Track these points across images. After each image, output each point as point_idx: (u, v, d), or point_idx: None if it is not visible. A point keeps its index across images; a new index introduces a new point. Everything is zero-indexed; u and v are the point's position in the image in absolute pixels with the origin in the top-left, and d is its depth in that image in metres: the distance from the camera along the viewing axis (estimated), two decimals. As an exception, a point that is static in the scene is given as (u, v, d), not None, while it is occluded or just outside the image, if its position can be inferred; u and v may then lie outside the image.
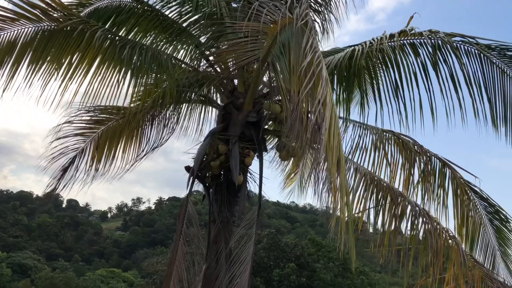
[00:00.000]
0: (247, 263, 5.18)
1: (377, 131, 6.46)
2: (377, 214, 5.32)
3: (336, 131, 3.01)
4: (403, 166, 6.20)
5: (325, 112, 2.94)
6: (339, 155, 3.00)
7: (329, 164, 2.93)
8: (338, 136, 3.03)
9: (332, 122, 2.98)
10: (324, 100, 2.98)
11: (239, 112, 5.52)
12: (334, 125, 3.00)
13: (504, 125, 5.31)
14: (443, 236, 5.02)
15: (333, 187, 3.02)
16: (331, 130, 2.95)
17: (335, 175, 2.96)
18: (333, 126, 2.99)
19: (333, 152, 2.91)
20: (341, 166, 3.00)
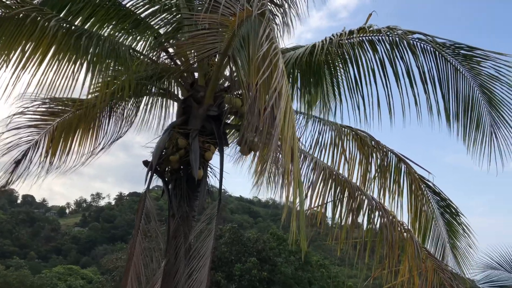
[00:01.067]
0: (206, 258, 5.16)
1: (336, 126, 6.56)
2: (335, 208, 5.41)
3: (291, 122, 3.02)
4: (360, 161, 6.34)
5: (280, 102, 2.95)
6: (293, 146, 3.01)
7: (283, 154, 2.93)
8: (292, 127, 3.04)
9: (287, 112, 2.99)
10: (280, 91, 2.99)
11: (200, 106, 5.46)
12: (289, 116, 3.01)
13: (456, 121, 5.50)
14: (398, 229, 5.16)
15: (286, 177, 3.03)
16: (285, 120, 2.95)
17: (289, 165, 2.97)
18: (288, 116, 3.00)
19: (286, 143, 2.91)
20: (295, 156, 3.01)
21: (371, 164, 6.39)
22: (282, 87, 3.01)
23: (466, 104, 5.45)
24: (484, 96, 5.33)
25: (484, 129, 5.56)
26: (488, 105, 5.38)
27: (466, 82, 5.33)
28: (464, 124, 5.58)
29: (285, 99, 3.00)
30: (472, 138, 5.62)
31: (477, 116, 5.53)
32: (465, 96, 5.40)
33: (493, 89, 5.23)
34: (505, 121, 5.34)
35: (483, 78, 5.22)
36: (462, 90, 5.38)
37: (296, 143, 3.08)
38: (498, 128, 5.43)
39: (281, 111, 2.94)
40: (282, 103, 2.96)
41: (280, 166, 3.14)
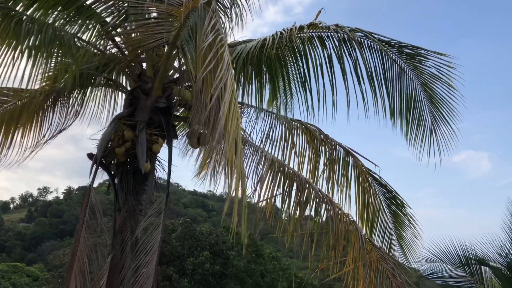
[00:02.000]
0: (154, 252, 5.07)
1: (287, 120, 6.62)
2: (284, 201, 5.46)
3: (235, 114, 3.00)
4: (309, 155, 6.44)
5: (225, 94, 2.92)
6: (237, 137, 2.99)
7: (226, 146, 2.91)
8: (237, 119, 3.02)
9: (232, 105, 2.97)
10: (225, 82, 2.96)
11: (148, 97, 5.34)
12: (234, 108, 2.99)
13: (400, 118, 5.69)
14: (344, 220, 5.28)
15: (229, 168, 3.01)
16: (230, 112, 2.93)
17: (232, 156, 2.96)
18: (232, 109, 2.97)
19: (230, 134, 2.89)
20: (238, 148, 3.00)
21: (320, 158, 6.51)
22: (227, 79, 2.98)
23: (409, 102, 5.65)
24: (426, 94, 5.54)
25: (425, 126, 5.79)
26: (429, 103, 5.59)
27: (409, 81, 5.52)
28: (407, 121, 5.78)
29: (230, 91, 2.98)
30: (413, 134, 5.84)
31: (419, 113, 5.74)
32: (408, 94, 5.59)
33: (434, 88, 5.45)
34: (444, 119, 5.59)
35: (425, 77, 5.42)
36: (405, 88, 5.57)
37: (239, 135, 3.07)
38: (438, 125, 5.68)
39: (226, 103, 2.91)
40: (226, 95, 2.93)
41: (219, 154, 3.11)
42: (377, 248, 5.29)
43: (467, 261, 8.94)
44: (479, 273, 8.80)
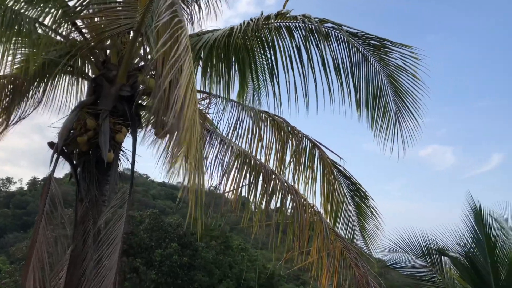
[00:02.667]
0: (116, 244, 4.98)
1: (255, 112, 6.60)
2: (250, 192, 5.46)
3: (192, 100, 2.94)
4: (276, 147, 6.45)
5: (182, 79, 2.86)
6: (194, 125, 2.94)
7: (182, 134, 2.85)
8: (194, 105, 2.96)
9: (188, 90, 2.91)
10: (181, 65, 2.89)
11: (111, 85, 5.21)
12: (191, 95, 2.93)
13: (366, 109, 5.75)
14: (309, 211, 5.32)
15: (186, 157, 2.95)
16: (186, 98, 2.87)
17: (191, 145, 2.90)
18: (189, 93, 2.91)
19: (186, 121, 2.83)
20: (195, 136, 2.94)
21: (286, 150, 6.53)
22: (184, 62, 2.91)
23: (375, 93, 5.72)
24: (391, 85, 5.62)
25: (390, 117, 5.88)
26: (394, 95, 5.67)
27: (375, 72, 5.58)
28: (373, 112, 5.85)
29: (187, 75, 2.91)
30: (379, 125, 5.92)
31: (384, 104, 5.82)
32: (374, 85, 5.66)
33: (399, 79, 5.53)
34: (409, 110, 5.69)
35: (391, 68, 5.49)
36: (371, 79, 5.63)
37: (197, 122, 3.01)
38: (402, 116, 5.77)
39: (182, 87, 2.85)
40: (183, 79, 2.87)
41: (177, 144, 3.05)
42: (340, 238, 5.36)
43: (428, 252, 9.21)
44: (439, 263, 9.08)
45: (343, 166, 6.71)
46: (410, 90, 5.57)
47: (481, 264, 8.68)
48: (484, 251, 8.64)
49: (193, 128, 2.94)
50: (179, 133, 2.84)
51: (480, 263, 8.71)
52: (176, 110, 2.79)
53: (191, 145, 2.89)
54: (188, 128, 2.86)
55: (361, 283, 4.86)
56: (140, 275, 35.64)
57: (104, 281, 4.56)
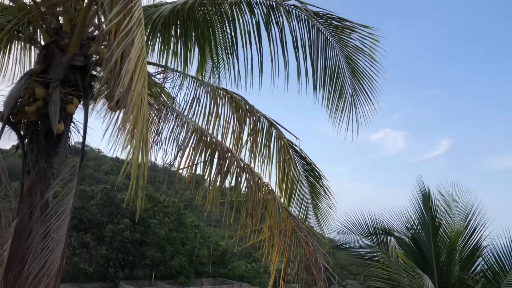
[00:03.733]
0: (65, 218, 4.84)
1: (213, 88, 6.52)
2: (205, 170, 5.41)
3: (142, 75, 2.86)
4: (234, 125, 6.42)
5: (132, 52, 2.77)
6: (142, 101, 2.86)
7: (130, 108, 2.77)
8: (144, 79, 2.87)
9: (138, 65, 2.82)
10: (132, 40, 2.81)
11: (63, 54, 4.98)
12: (141, 69, 2.84)
13: (322, 89, 5.80)
14: (264, 190, 5.36)
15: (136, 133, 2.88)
16: (135, 73, 2.79)
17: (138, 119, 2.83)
18: (139, 69, 2.83)
19: (134, 95, 2.76)
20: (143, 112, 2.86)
21: (244, 128, 6.52)
22: (135, 37, 2.81)
23: (332, 74, 5.76)
24: (349, 66, 5.67)
25: (346, 98, 5.96)
26: (351, 76, 5.74)
27: (334, 52, 5.61)
28: (329, 93, 5.91)
29: (138, 51, 2.81)
30: (334, 106, 6.00)
31: (341, 85, 5.89)
32: (332, 65, 5.69)
33: (357, 60, 5.60)
34: (364, 92, 5.78)
35: (349, 49, 5.54)
36: (330, 60, 5.66)
37: (145, 98, 2.92)
38: (358, 98, 5.87)
39: (132, 60, 2.75)
40: (133, 54, 2.77)
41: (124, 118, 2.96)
42: (292, 216, 5.44)
43: (375, 232, 9.56)
44: (385, 243, 9.45)
45: (299, 146, 6.80)
46: (367, 72, 5.64)
47: (425, 244, 9.11)
48: (429, 232, 9.06)
49: (141, 104, 2.86)
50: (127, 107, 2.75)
51: (424, 244, 9.14)
52: (124, 84, 2.69)
53: (138, 120, 2.81)
54: (136, 103, 2.77)
55: (310, 261, 4.98)
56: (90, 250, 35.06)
57: (51, 255, 4.44)
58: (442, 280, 8.61)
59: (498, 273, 8.53)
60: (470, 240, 9.05)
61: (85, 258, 34.79)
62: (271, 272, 5.13)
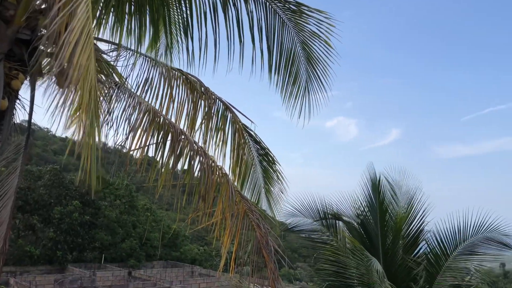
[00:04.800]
0: (9, 198, 4.66)
1: (167, 69, 6.39)
2: (158, 151, 5.33)
3: (87, 48, 2.74)
4: (188, 107, 6.34)
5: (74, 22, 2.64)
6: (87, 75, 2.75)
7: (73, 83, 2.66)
8: (90, 51, 2.76)
9: (83, 37, 2.70)
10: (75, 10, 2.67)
11: (8, 26, 4.70)
12: (86, 42, 2.73)
13: (277, 74, 5.81)
14: (217, 173, 5.35)
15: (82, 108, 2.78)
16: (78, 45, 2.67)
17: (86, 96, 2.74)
18: (84, 42, 2.71)
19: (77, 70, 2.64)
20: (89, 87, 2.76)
21: (199, 110, 6.45)
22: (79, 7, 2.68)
23: (288, 58, 5.78)
24: (304, 52, 5.71)
25: (300, 84, 6.01)
26: (306, 62, 5.78)
27: (290, 37, 5.62)
28: (284, 78, 5.93)
29: (82, 22, 2.68)
30: (289, 92, 6.04)
31: (296, 70, 5.92)
32: (288, 50, 5.71)
33: (312, 46, 5.64)
34: (318, 78, 5.85)
35: (305, 34, 5.56)
36: (286, 44, 5.67)
37: (92, 72, 2.81)
38: (312, 84, 5.93)
39: (75, 33, 2.63)
40: (76, 22, 2.64)
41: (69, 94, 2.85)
42: (245, 200, 5.48)
43: (325, 216, 9.81)
44: (334, 226, 9.73)
45: (254, 131, 6.82)
46: (322, 59, 5.70)
47: (372, 228, 9.45)
48: (376, 216, 9.39)
49: (87, 78, 2.74)
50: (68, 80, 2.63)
51: (371, 227, 9.48)
52: (65, 56, 2.57)
53: (84, 95, 2.71)
54: (81, 77, 2.66)
55: (261, 243, 5.04)
56: (36, 233, 33.92)
57: (-8, 237, 4.27)
58: (387, 263, 8.98)
59: (440, 256, 9.00)
60: (413, 224, 9.48)
61: (31, 241, 33.65)
62: (222, 255, 5.16)
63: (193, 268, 40.20)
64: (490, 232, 8.86)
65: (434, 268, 8.98)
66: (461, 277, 9.12)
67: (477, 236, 8.94)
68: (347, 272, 8.69)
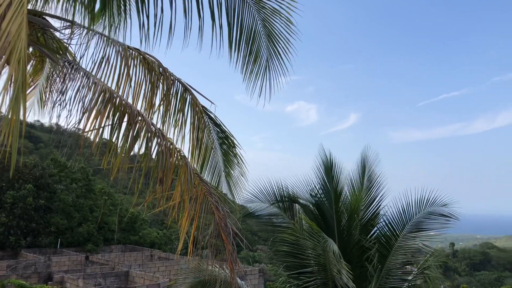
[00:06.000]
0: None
1: (124, 47, 6.18)
2: (113, 133, 5.18)
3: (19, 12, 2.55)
4: (146, 88, 6.18)
5: None
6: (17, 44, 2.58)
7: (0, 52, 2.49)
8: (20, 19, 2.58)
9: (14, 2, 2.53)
10: None
11: None
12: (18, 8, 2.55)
13: (237, 52, 5.73)
14: (175, 156, 5.27)
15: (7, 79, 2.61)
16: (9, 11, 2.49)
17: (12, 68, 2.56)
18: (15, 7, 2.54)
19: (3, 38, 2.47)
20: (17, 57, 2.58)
21: (157, 91, 6.30)
22: None
23: (249, 36, 5.69)
24: (265, 30, 5.63)
25: (261, 63, 5.95)
26: (267, 39, 5.71)
27: (251, 14, 5.53)
28: (244, 55, 5.85)
29: None
30: (249, 70, 5.97)
31: (256, 49, 5.84)
32: (248, 27, 5.61)
33: (273, 23, 5.57)
34: (279, 55, 5.80)
35: (266, 11, 5.48)
36: (246, 21, 5.57)
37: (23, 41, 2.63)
38: (273, 62, 5.88)
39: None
40: None
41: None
42: (204, 182, 5.43)
43: (282, 199, 9.93)
44: (291, 209, 9.87)
45: (214, 113, 6.74)
46: (283, 35, 5.64)
47: (327, 210, 9.65)
48: (331, 199, 9.59)
49: (16, 47, 2.57)
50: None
51: (326, 210, 9.67)
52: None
53: (13, 67, 2.54)
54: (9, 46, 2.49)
55: (220, 226, 5.04)
56: (-14, 218, 32.63)
57: None
58: (342, 244, 9.21)
59: (390, 237, 9.32)
60: (370, 206, 9.75)
61: (-19, 226, 32.37)
62: (180, 237, 5.12)
63: (152, 251, 39.93)
64: (431, 206, 9.23)
65: (385, 248, 9.31)
66: (412, 255, 9.49)
67: (421, 213, 9.31)
68: (304, 253, 8.86)
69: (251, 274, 34.30)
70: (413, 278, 9.32)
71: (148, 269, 32.65)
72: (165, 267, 34.10)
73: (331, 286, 8.69)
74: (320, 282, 8.76)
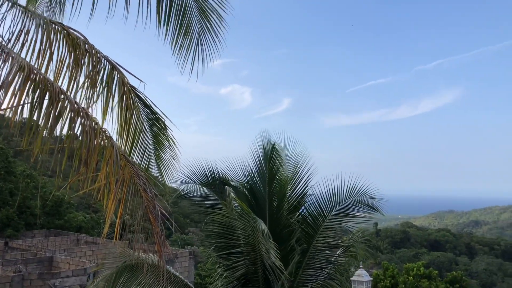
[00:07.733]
0: None
1: (45, 21, 5.80)
2: (33, 111, 4.88)
3: None
4: (70, 65, 5.86)
5: None
6: None
7: None
8: None
9: None
10: None
11: None
12: None
13: (166, 25, 5.58)
14: (100, 136, 5.08)
15: None
16: None
17: None
18: None
19: None
20: None
21: (82, 69, 5.99)
22: None
23: (179, 9, 5.54)
24: (197, 4, 5.52)
25: (192, 36, 5.83)
26: (199, 13, 5.61)
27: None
28: (174, 29, 5.71)
29: None
30: (179, 44, 5.84)
31: (187, 23, 5.71)
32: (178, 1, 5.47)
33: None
34: (212, 30, 5.72)
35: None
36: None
37: None
38: (205, 36, 5.79)
39: None
40: None
41: None
42: (131, 164, 5.29)
43: (214, 181, 9.97)
44: (223, 191, 9.94)
45: (144, 94, 6.54)
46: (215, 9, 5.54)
47: (260, 193, 9.83)
48: (265, 182, 9.77)
49: None
50: None
51: (259, 192, 9.85)
52: None
53: None
54: None
55: (148, 208, 4.96)
56: None
57: None
58: (272, 224, 9.43)
59: (317, 217, 9.71)
60: (297, 187, 10.05)
61: None
62: (106, 221, 4.98)
63: (79, 236, 38.51)
64: (360, 196, 9.76)
65: (311, 228, 9.67)
66: (338, 237, 9.95)
67: (350, 200, 9.79)
68: (234, 234, 8.98)
69: (182, 256, 34.23)
70: (338, 258, 9.80)
71: (74, 254, 31.50)
72: (92, 252, 33.08)
73: (259, 266, 8.90)
74: (249, 262, 8.94)
